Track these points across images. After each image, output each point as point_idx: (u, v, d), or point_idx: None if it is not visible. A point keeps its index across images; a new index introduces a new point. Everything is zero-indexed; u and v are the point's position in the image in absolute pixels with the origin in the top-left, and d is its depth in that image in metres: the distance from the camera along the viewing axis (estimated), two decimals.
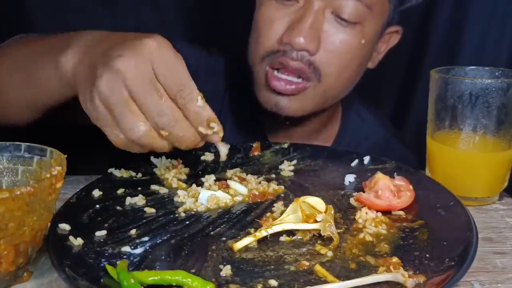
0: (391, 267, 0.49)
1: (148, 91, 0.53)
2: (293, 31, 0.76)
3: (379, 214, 0.59)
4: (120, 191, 0.65)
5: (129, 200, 0.63)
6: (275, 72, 0.79)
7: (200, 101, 0.56)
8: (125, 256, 0.51)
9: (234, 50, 0.87)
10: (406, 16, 0.86)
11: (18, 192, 0.44)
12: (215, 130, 0.57)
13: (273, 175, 0.71)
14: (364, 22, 0.79)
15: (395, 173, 0.68)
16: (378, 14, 0.80)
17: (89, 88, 0.54)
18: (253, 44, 0.83)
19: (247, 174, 0.70)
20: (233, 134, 0.88)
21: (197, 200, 0.63)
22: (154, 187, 0.66)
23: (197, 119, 0.56)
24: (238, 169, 0.72)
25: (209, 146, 0.77)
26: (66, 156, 0.53)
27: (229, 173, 0.71)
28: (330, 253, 0.52)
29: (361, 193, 0.63)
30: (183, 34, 1.08)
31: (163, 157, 0.73)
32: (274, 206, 0.62)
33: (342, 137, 0.95)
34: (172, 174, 0.69)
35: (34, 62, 0.66)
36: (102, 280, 0.47)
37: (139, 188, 0.66)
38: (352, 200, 0.64)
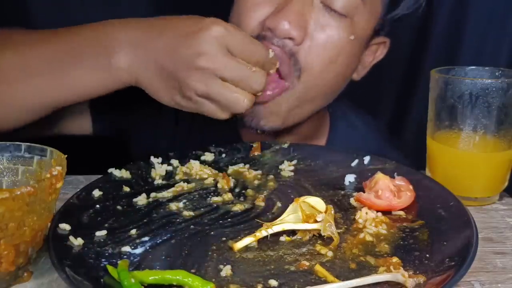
0: (391, 267, 0.49)
1: (237, 68, 0.61)
2: (278, 15, 0.70)
3: (379, 214, 0.59)
4: (120, 191, 0.65)
5: (129, 200, 0.63)
6: None
7: (271, 53, 0.66)
8: (125, 256, 0.51)
9: None
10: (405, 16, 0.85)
11: (19, 192, 0.44)
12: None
13: (273, 175, 0.71)
14: (354, 17, 0.74)
15: (395, 173, 0.68)
16: (369, 11, 0.76)
17: (177, 88, 0.63)
18: None
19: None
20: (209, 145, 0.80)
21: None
22: (154, 187, 0.67)
23: (269, 67, 0.66)
24: (241, 165, 0.73)
25: (209, 147, 0.77)
26: (66, 156, 0.53)
27: (230, 169, 0.72)
28: (330, 253, 0.52)
29: (361, 193, 0.63)
30: None
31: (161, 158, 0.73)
32: (274, 206, 0.62)
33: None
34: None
35: (65, 67, 0.66)
36: (102, 280, 0.47)
37: (140, 188, 0.66)
38: (352, 200, 0.63)
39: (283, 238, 0.55)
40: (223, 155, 0.76)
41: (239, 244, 0.53)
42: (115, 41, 0.64)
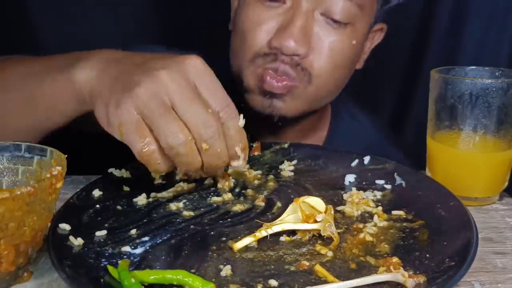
0: (391, 267, 0.49)
1: (193, 101, 0.52)
2: (283, 35, 0.73)
3: (380, 214, 0.59)
4: (121, 191, 0.65)
5: (129, 200, 0.63)
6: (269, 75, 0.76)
7: (241, 120, 0.56)
8: (125, 256, 0.51)
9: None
10: (405, 16, 0.86)
11: (19, 192, 0.44)
12: (244, 157, 0.58)
13: (273, 175, 0.71)
14: (355, 23, 0.77)
15: (395, 173, 0.68)
16: (367, 14, 0.79)
17: (117, 96, 0.53)
18: (239, 48, 0.80)
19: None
20: None
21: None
22: (154, 187, 0.66)
23: (236, 138, 0.56)
24: None
25: None
26: (66, 156, 0.53)
27: (230, 169, 0.71)
28: (330, 253, 0.52)
29: None
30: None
31: None
32: (274, 206, 0.62)
33: (332, 138, 0.93)
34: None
35: (37, 81, 0.64)
36: (102, 280, 0.47)
37: (140, 188, 0.66)
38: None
39: (283, 238, 0.55)
40: None
41: (239, 244, 0.53)
42: (85, 58, 0.60)
